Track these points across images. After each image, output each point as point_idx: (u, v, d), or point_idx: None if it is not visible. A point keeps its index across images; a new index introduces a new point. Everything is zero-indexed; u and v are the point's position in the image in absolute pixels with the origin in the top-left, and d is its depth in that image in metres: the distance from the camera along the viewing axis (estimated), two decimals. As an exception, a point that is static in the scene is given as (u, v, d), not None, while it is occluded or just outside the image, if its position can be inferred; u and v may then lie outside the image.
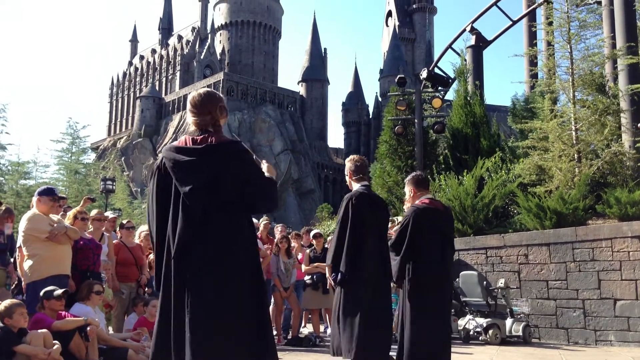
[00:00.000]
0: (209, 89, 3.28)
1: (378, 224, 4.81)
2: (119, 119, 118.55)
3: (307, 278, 8.85)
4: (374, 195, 5.11)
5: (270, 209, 3.19)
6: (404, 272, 4.97)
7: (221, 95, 3.27)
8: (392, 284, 5.27)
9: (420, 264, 4.91)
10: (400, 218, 5.61)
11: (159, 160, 3.09)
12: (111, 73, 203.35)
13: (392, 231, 5.34)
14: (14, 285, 6.94)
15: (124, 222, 8.17)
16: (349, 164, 5.04)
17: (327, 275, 4.83)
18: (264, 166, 3.20)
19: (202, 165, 2.94)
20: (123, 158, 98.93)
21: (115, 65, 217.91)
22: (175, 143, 3.09)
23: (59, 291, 5.51)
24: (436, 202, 5.37)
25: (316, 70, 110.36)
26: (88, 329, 5.42)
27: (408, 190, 5.37)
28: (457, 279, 9.41)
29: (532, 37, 20.19)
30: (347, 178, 5.08)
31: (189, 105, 3.17)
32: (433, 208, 5.18)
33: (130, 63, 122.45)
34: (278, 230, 9.91)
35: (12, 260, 6.67)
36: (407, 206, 5.50)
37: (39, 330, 5.07)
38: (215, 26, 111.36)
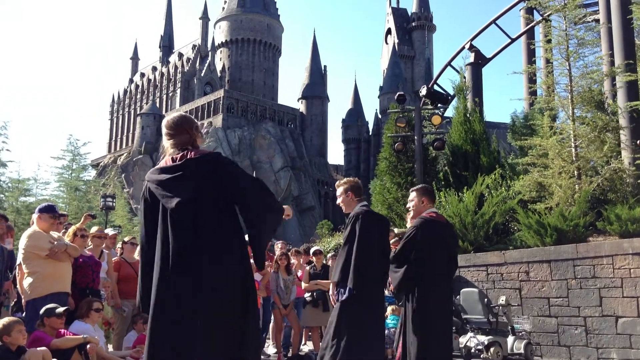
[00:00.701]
0: (182, 113, 3.37)
1: (381, 243, 4.81)
2: (119, 136, 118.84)
3: (307, 295, 8.80)
4: (378, 214, 5.17)
5: (267, 208, 3.06)
6: (406, 284, 4.92)
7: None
8: (393, 306, 5.28)
9: (426, 277, 4.86)
10: (397, 230, 5.58)
11: (144, 189, 3.11)
12: (112, 90, 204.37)
13: (392, 242, 5.31)
14: (13, 302, 6.91)
15: (127, 238, 8.16)
16: (347, 185, 5.02)
17: (331, 292, 4.81)
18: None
19: (184, 179, 2.97)
20: (123, 175, 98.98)
21: (116, 83, 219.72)
22: (159, 165, 3.15)
23: (61, 309, 5.50)
24: (441, 217, 5.36)
25: (316, 87, 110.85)
26: (87, 347, 5.40)
27: (416, 200, 5.26)
28: (458, 296, 9.37)
29: (530, 54, 20.27)
30: (342, 198, 5.04)
31: (164, 130, 3.22)
32: (440, 221, 5.16)
33: (131, 80, 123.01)
34: (278, 247, 9.90)
35: (11, 276, 6.65)
36: (410, 215, 5.48)
37: (38, 349, 5.05)
38: (216, 44, 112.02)
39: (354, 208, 4.92)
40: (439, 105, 15.08)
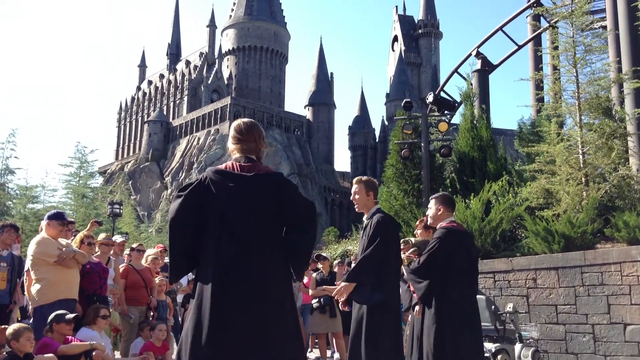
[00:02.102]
0: (253, 120, 3.44)
1: (396, 246, 4.83)
2: (126, 143, 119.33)
3: (314, 302, 8.78)
4: (394, 218, 5.18)
5: (310, 229, 3.24)
6: (430, 296, 4.80)
7: None
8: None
9: (450, 287, 4.76)
10: (413, 239, 5.47)
11: (200, 180, 3.17)
12: (119, 98, 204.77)
13: (409, 254, 5.19)
14: (17, 307, 6.92)
15: (134, 245, 8.18)
16: (362, 185, 4.87)
17: (341, 292, 4.60)
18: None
19: (250, 192, 3.11)
20: (130, 182, 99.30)
21: (124, 90, 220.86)
22: (221, 167, 3.23)
23: (71, 315, 5.52)
24: (460, 226, 5.28)
25: (323, 94, 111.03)
26: (94, 353, 5.41)
27: (435, 208, 5.12)
28: (465, 304, 9.34)
29: (537, 61, 20.28)
30: (360, 197, 4.86)
31: (234, 133, 3.30)
32: (462, 231, 5.11)
33: (139, 88, 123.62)
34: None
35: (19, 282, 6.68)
36: (422, 224, 5.47)
37: (45, 355, 5.06)
38: (223, 51, 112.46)
39: (369, 209, 4.82)
40: (446, 112, 15.08)
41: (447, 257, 4.79)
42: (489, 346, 8.74)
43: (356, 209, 4.94)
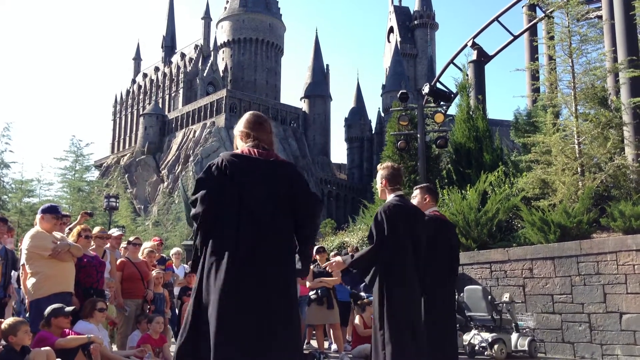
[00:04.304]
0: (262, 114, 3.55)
1: (412, 237, 4.54)
2: (122, 137, 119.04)
3: (311, 293, 8.78)
4: (411, 206, 4.81)
5: (313, 220, 3.34)
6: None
7: None
8: None
9: (430, 275, 4.80)
10: None
11: (219, 163, 3.21)
12: (115, 91, 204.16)
13: None
14: (13, 302, 6.92)
15: (131, 238, 8.18)
16: (383, 172, 4.73)
17: (333, 265, 4.55)
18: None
19: (270, 176, 3.20)
20: (126, 175, 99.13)
21: (119, 84, 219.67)
22: (238, 152, 3.31)
23: (69, 308, 5.51)
24: (443, 216, 5.36)
25: (319, 86, 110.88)
26: (91, 346, 5.40)
27: (419, 197, 5.23)
28: (462, 294, 9.37)
29: (533, 51, 20.22)
30: (379, 186, 4.80)
31: (247, 124, 3.38)
32: (443, 220, 5.15)
33: (134, 81, 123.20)
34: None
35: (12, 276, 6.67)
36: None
37: (42, 349, 5.05)
38: (218, 44, 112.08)
39: (387, 197, 4.71)
40: (442, 103, 15.05)
41: (428, 245, 4.82)
42: (486, 336, 8.78)
43: (380, 199, 5.00)
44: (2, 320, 5.31)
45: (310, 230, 3.29)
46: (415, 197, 5.32)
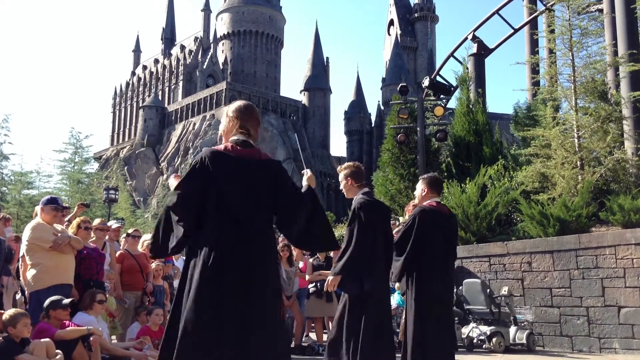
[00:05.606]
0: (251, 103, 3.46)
1: (385, 231, 4.79)
2: (121, 129, 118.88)
3: (311, 286, 8.82)
4: (380, 201, 5.08)
5: (295, 220, 3.27)
6: (405, 273, 4.94)
7: None
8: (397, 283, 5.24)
9: (424, 267, 4.86)
10: (401, 219, 5.55)
11: (201, 158, 3.14)
12: (114, 83, 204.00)
13: (395, 232, 5.28)
14: (12, 293, 6.93)
15: (130, 230, 8.19)
16: (347, 171, 4.95)
17: (329, 284, 4.66)
18: (307, 174, 3.52)
19: (252, 177, 3.13)
20: (126, 167, 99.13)
21: (119, 76, 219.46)
22: (220, 148, 3.20)
23: (67, 300, 5.52)
24: (443, 207, 5.34)
25: (318, 79, 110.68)
26: (91, 338, 5.41)
27: (420, 189, 5.27)
28: (461, 287, 9.39)
29: (533, 44, 20.19)
30: (343, 184, 4.97)
31: (234, 112, 3.30)
32: (439, 211, 5.13)
33: (133, 73, 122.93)
34: (280, 238, 9.90)
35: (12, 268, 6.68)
36: (413, 203, 5.47)
37: (42, 340, 5.06)
38: (218, 36, 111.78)
39: (355, 194, 4.86)
40: (442, 96, 15.07)
41: (421, 235, 4.85)
42: (484, 329, 8.81)
43: (347, 197, 5.01)
44: (3, 311, 5.32)
45: (298, 225, 3.25)
46: (417, 189, 5.35)
